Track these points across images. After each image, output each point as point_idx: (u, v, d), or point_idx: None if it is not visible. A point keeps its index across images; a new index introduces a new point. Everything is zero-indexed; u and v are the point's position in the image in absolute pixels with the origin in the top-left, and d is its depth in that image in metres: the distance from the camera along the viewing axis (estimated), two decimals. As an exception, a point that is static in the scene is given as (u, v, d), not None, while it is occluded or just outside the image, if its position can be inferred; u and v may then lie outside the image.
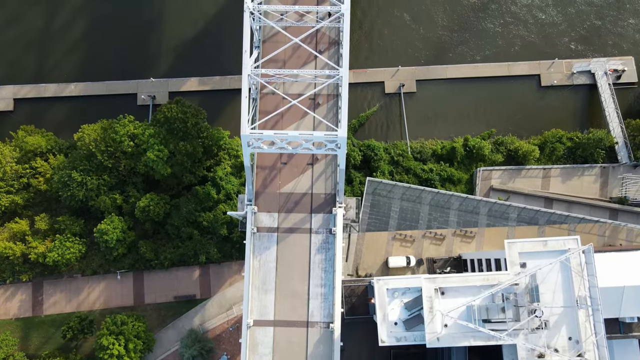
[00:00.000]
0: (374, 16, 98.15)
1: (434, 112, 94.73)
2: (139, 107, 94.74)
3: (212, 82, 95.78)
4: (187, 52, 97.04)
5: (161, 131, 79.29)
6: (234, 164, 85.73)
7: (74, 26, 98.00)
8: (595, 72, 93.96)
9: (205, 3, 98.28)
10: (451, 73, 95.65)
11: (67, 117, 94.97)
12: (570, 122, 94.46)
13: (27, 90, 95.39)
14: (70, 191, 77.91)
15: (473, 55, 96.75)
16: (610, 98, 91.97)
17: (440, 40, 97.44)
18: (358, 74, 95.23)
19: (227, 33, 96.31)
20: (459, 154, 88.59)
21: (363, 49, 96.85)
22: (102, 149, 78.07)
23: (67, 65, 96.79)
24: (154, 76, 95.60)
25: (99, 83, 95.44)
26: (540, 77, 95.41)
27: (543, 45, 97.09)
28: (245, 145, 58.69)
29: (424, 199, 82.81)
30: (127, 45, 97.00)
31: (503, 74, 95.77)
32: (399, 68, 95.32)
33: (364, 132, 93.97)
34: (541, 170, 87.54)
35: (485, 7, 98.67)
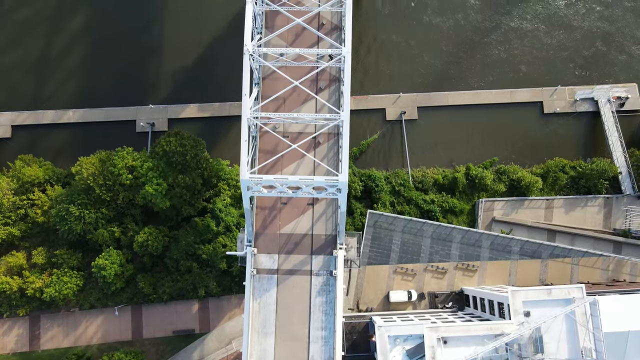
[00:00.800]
0: (375, 42, 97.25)
1: (435, 139, 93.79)
2: (138, 134, 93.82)
3: (211, 109, 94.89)
4: (186, 78, 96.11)
5: (160, 164, 78.42)
6: (233, 194, 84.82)
7: (73, 52, 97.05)
8: (598, 99, 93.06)
9: (204, 29, 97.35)
10: (453, 100, 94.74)
11: (65, 144, 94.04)
12: (573, 150, 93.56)
13: (25, 117, 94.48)
14: (68, 225, 77.03)
15: (475, 81, 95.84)
16: (613, 126, 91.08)
17: (442, 66, 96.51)
18: (359, 101, 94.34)
19: (226, 59, 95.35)
20: (460, 184, 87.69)
21: (364, 75, 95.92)
22: (100, 182, 77.18)
23: (65, 92, 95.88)
24: (153, 102, 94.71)
25: (97, 109, 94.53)
26: (542, 104, 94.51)
27: (546, 72, 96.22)
28: (245, 189, 57.88)
29: (426, 232, 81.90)
30: (126, 71, 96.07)
31: (505, 101, 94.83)
32: (400, 95, 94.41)
33: (364, 160, 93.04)
34: (544, 201, 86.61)
35: (488, 32, 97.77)
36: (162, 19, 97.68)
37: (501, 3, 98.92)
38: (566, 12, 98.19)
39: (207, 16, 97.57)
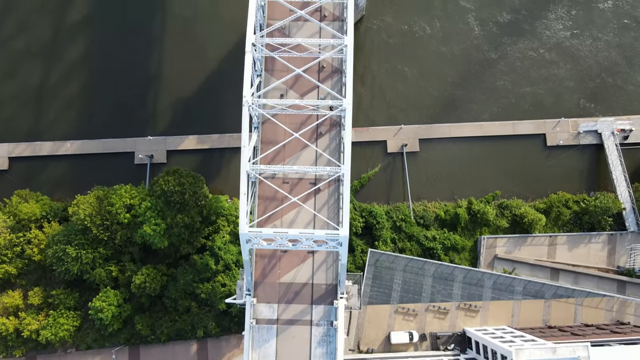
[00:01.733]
0: (376, 72, 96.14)
1: (437, 172, 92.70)
2: (137, 165, 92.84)
3: (210, 141, 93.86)
4: (185, 109, 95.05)
5: (158, 203, 77.39)
6: (232, 230, 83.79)
7: (71, 82, 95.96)
8: (602, 132, 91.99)
9: (203, 59, 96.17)
10: (455, 132, 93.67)
11: (62, 176, 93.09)
12: (576, 183, 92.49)
13: (22, 149, 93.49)
14: (65, 266, 76.09)
15: (477, 113, 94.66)
16: (617, 160, 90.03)
17: (444, 97, 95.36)
18: (360, 132, 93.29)
19: (226, 90, 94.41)
20: (462, 220, 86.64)
21: (365, 106, 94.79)
22: (97, 222, 76.18)
23: (63, 123, 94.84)
24: (152, 134, 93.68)
25: (95, 141, 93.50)
26: (545, 137, 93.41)
27: (550, 103, 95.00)
28: (244, 243, 56.94)
29: (427, 271, 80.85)
30: (125, 101, 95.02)
31: (508, 133, 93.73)
32: (402, 127, 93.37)
33: (365, 193, 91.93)
34: (547, 237, 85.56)
35: (491, 63, 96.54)
36: (162, 50, 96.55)
37: (507, 32, 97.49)
38: (572, 42, 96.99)
39: (207, 46, 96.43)
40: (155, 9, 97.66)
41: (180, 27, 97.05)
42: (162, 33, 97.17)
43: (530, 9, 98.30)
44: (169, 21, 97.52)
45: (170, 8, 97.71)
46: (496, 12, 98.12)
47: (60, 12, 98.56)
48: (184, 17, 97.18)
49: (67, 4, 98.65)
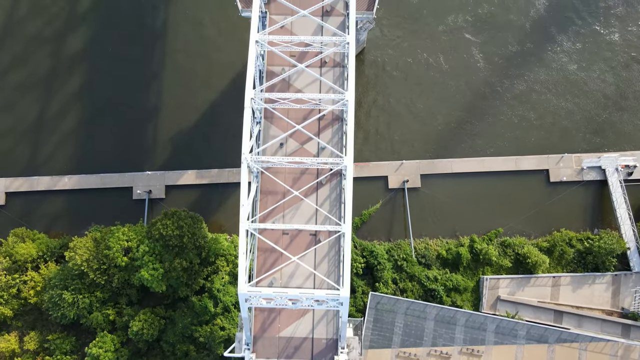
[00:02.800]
0: (376, 106, 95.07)
1: (438, 208, 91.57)
2: (135, 201, 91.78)
3: (210, 175, 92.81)
4: (184, 143, 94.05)
5: (156, 246, 76.41)
6: (231, 271, 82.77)
7: (69, 115, 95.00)
8: (605, 168, 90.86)
9: (204, 93, 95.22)
10: (457, 167, 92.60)
11: (60, 212, 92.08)
12: (580, 219, 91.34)
13: (19, 184, 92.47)
14: (61, 311, 75.07)
15: (480, 148, 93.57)
16: (621, 197, 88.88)
17: (446, 132, 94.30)
18: (360, 168, 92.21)
19: (226, 124, 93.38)
20: (464, 259, 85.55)
21: (365, 141, 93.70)
22: (94, 267, 75.14)
23: (61, 157, 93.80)
24: (150, 168, 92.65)
25: (93, 176, 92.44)
26: (549, 172, 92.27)
27: (554, 137, 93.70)
28: (243, 301, 55.94)
29: (429, 314, 79.75)
30: (123, 136, 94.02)
31: (511, 169, 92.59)
32: (403, 162, 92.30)
33: (366, 230, 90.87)
34: (551, 278, 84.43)
35: (495, 96, 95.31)
36: (161, 84, 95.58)
37: (512, 65, 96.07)
38: (578, 75, 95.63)
39: (207, 80, 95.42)
40: (155, 43, 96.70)
41: (180, 61, 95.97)
42: (162, 67, 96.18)
43: (535, 42, 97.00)
44: (169, 55, 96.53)
45: (171, 43, 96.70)
46: (501, 45, 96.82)
47: (58, 42, 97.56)
48: (184, 52, 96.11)
49: (65, 34, 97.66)
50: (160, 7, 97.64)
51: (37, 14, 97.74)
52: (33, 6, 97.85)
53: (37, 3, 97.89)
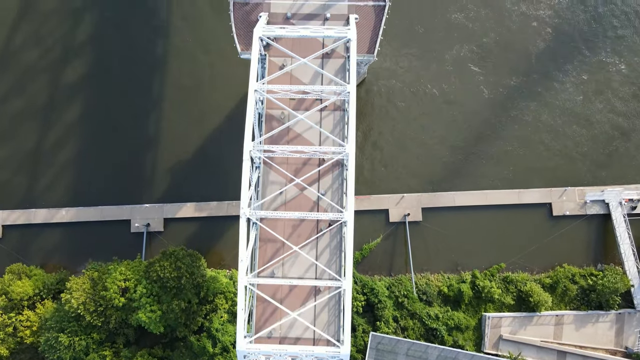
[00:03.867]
0: (377, 137, 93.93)
1: (440, 242, 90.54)
2: (133, 234, 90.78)
3: (209, 208, 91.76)
4: (182, 175, 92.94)
5: (154, 287, 75.37)
6: (230, 309, 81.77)
7: (66, 146, 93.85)
8: (609, 202, 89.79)
9: (203, 125, 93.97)
10: (459, 200, 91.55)
11: (57, 245, 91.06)
12: (583, 254, 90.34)
13: (16, 216, 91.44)
14: (57, 354, 74.06)
15: (483, 180, 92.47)
16: (625, 233, 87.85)
17: (449, 164, 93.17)
18: (361, 201, 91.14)
19: (224, 156, 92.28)
20: (466, 296, 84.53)
21: (367, 173, 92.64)
22: (91, 309, 74.10)
23: (58, 189, 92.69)
24: (149, 201, 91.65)
25: (91, 208, 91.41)
26: (551, 206, 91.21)
27: (558, 169, 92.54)
28: (242, 357, 55.01)
29: (430, 355, 78.71)
30: (122, 167, 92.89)
31: (513, 202, 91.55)
32: (404, 195, 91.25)
33: (367, 265, 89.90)
34: (554, 317, 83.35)
35: (499, 128, 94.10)
36: (160, 115, 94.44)
37: (518, 96, 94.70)
38: (584, 107, 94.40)
39: (207, 112, 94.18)
40: (154, 74, 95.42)
41: (179, 93, 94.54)
42: (160, 98, 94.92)
43: (541, 72, 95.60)
44: (168, 87, 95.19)
45: (170, 74, 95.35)
46: (506, 76, 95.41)
47: (56, 72, 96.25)
48: (183, 84, 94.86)
49: (62, 64, 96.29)
50: (157, 40, 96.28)
51: (34, 44, 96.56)
52: (30, 36, 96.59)
53: (33, 33, 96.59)
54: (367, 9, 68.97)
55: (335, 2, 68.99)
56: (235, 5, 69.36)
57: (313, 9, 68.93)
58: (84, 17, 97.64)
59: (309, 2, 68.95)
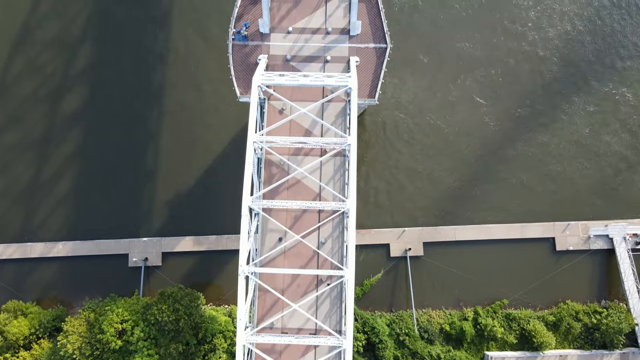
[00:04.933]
0: (379, 170, 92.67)
1: (441, 277, 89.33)
2: (131, 268, 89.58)
3: (207, 242, 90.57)
4: (181, 209, 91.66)
5: (152, 330, 74.21)
6: (229, 349, 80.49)
7: (63, 179, 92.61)
8: (613, 237, 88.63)
9: (202, 157, 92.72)
10: (461, 235, 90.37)
11: (54, 280, 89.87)
12: (587, 290, 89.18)
13: (12, 251, 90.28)
14: (53, 398, 72.90)
15: (485, 215, 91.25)
16: (629, 269, 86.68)
17: (451, 198, 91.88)
18: (362, 235, 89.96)
19: (223, 190, 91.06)
20: (468, 335, 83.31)
21: (367, 207, 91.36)
22: (87, 354, 72.92)
23: (55, 222, 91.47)
24: (147, 235, 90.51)
25: (88, 242, 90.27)
26: (555, 241, 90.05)
27: (561, 203, 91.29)
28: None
29: (432, 397, 77.44)
30: (119, 200, 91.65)
31: (516, 237, 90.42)
32: (405, 230, 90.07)
33: (367, 301, 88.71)
34: (557, 357, 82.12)
35: (502, 161, 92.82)
36: (157, 148, 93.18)
37: (523, 128, 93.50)
38: (590, 138, 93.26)
39: (205, 144, 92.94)
40: (153, 105, 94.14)
41: (177, 125, 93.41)
42: (159, 130, 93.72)
43: (547, 104, 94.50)
44: (166, 118, 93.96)
45: (168, 106, 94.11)
46: (512, 107, 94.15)
47: (54, 102, 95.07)
48: (182, 115, 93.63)
49: (61, 93, 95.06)
50: (155, 72, 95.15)
51: (32, 74, 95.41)
52: (28, 65, 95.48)
53: (32, 62, 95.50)
54: (368, 51, 67.83)
55: (336, 44, 67.88)
56: (234, 47, 68.19)
57: (313, 51, 67.83)
58: (82, 48, 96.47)
59: (309, 44, 67.83)
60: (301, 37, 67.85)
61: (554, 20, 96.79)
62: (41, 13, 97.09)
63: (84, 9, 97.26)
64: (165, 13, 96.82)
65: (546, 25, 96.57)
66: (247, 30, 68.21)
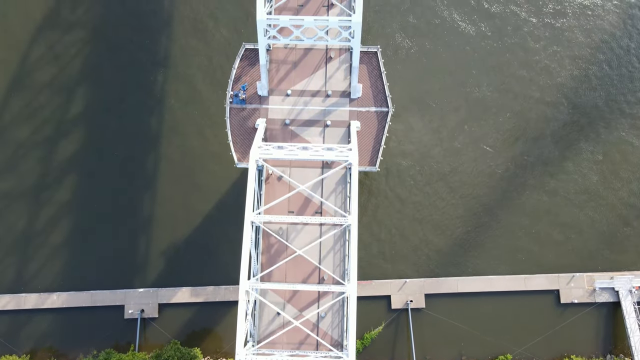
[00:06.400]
0: (381, 220, 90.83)
1: (444, 330, 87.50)
2: (127, 320, 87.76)
3: (205, 293, 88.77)
4: (178, 258, 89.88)
5: (147, 396, 72.47)
6: (227, 408, 78.93)
7: (58, 228, 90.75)
8: (619, 289, 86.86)
9: (199, 205, 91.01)
10: (463, 287, 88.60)
11: (48, 332, 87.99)
12: (592, 344, 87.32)
13: (5, 302, 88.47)
14: None
15: (487, 266, 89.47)
16: (635, 324, 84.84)
17: (452, 249, 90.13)
18: (362, 287, 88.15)
19: (222, 239, 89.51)
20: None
21: (368, 257, 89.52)
22: (80, 421, 71.11)
23: (49, 272, 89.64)
24: (143, 285, 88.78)
25: (83, 293, 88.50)
26: (559, 293, 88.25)
27: (566, 254, 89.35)
28: None
29: None
30: (115, 249, 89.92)
31: (519, 289, 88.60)
32: (406, 281, 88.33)
33: (368, 355, 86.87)
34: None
35: (504, 210, 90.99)
36: (154, 194, 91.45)
37: (529, 175, 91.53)
38: (598, 188, 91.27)
39: (203, 190, 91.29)
40: (149, 152, 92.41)
41: (175, 172, 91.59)
42: (155, 177, 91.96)
43: (555, 151, 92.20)
44: (163, 165, 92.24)
45: (165, 153, 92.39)
46: (519, 155, 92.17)
47: (48, 148, 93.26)
48: (179, 164, 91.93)
49: (55, 139, 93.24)
50: (157, 111, 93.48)
51: (26, 118, 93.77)
52: (21, 110, 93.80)
53: (26, 106, 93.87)
54: (369, 115, 66.14)
55: (336, 108, 66.18)
56: (231, 110, 66.47)
57: (313, 115, 66.15)
58: (77, 92, 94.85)
59: (308, 108, 66.15)
60: (300, 100, 66.15)
61: (564, 65, 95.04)
62: (37, 55, 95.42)
63: (81, 51, 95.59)
64: (167, 56, 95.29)
65: (556, 70, 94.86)
66: (245, 93, 66.55)
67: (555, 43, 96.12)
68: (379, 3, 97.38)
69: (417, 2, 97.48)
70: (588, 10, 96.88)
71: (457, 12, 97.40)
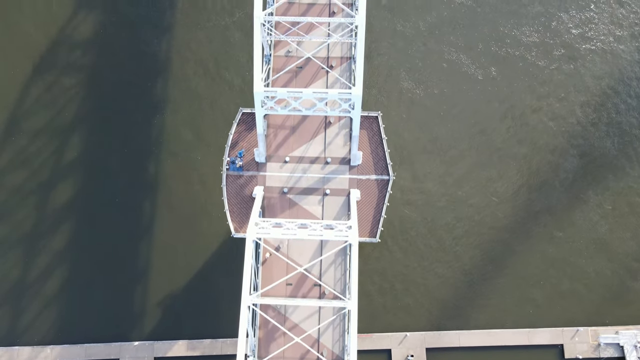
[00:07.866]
0: (381, 270, 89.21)
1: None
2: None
3: (202, 346, 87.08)
4: (174, 310, 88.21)
5: None
6: None
7: (51, 279, 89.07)
8: (624, 344, 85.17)
9: (197, 254, 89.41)
10: (465, 341, 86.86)
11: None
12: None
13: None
14: None
15: (489, 319, 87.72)
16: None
17: (454, 302, 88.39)
18: (363, 340, 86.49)
19: (219, 290, 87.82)
20: None
21: (368, 309, 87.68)
22: None
23: (43, 325, 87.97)
24: (138, 338, 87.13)
25: (77, 346, 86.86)
26: (563, 348, 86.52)
27: (571, 307, 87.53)
28: None
29: None
30: (109, 301, 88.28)
31: (522, 343, 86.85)
32: (407, 335, 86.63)
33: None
34: None
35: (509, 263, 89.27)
36: (149, 246, 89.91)
37: (535, 226, 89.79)
38: (606, 240, 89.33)
39: (200, 241, 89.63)
40: (146, 199, 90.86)
41: (171, 221, 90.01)
42: (151, 225, 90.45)
43: (563, 199, 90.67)
44: (159, 212, 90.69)
45: (162, 199, 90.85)
46: (525, 203, 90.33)
47: (44, 195, 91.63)
48: (177, 211, 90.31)
49: (51, 185, 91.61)
50: (155, 157, 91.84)
51: (19, 166, 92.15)
52: (14, 158, 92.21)
53: (19, 154, 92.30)
54: (370, 183, 64.40)
55: (335, 175, 64.46)
56: (228, 177, 64.77)
57: (311, 183, 64.43)
58: (74, 135, 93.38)
59: (307, 175, 64.45)
60: (299, 167, 64.47)
61: (573, 111, 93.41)
62: (30, 102, 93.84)
63: (74, 98, 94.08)
64: (165, 100, 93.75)
65: (564, 116, 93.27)
66: (242, 160, 64.82)
67: (565, 88, 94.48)
68: (385, 46, 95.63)
69: (426, 45, 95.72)
70: (597, 56, 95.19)
71: (465, 55, 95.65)
